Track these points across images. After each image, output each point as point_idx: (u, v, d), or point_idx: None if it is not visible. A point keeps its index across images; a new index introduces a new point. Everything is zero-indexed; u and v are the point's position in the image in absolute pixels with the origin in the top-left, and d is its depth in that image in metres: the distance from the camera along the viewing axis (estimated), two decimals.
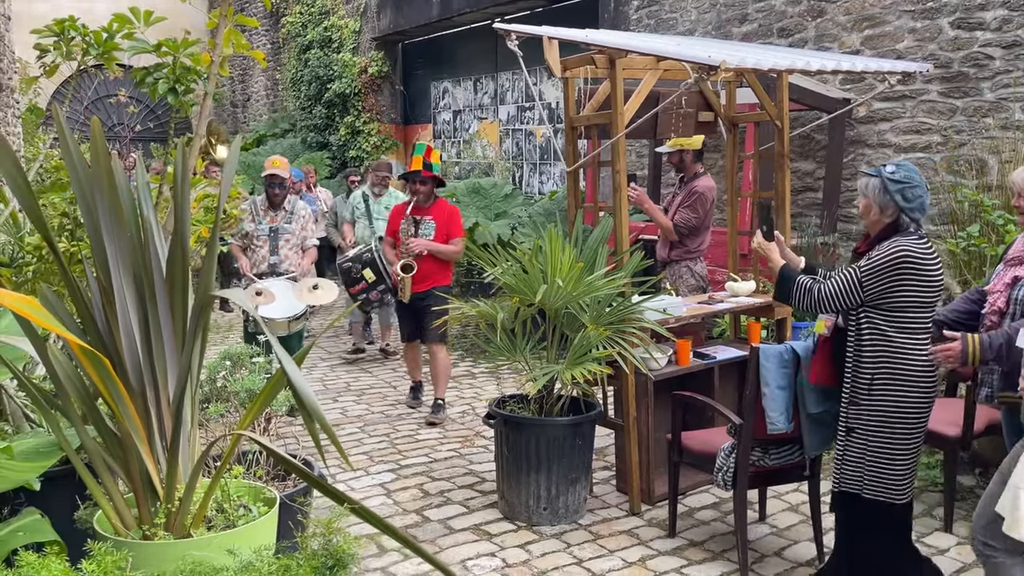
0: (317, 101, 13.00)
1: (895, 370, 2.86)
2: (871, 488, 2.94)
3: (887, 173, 2.90)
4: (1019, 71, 5.42)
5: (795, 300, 3.05)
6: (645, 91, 4.12)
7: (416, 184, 5.36)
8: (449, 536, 3.81)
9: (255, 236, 5.60)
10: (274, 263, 5.57)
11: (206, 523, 2.32)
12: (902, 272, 2.82)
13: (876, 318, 2.88)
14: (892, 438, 2.89)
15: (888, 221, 2.91)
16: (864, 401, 2.90)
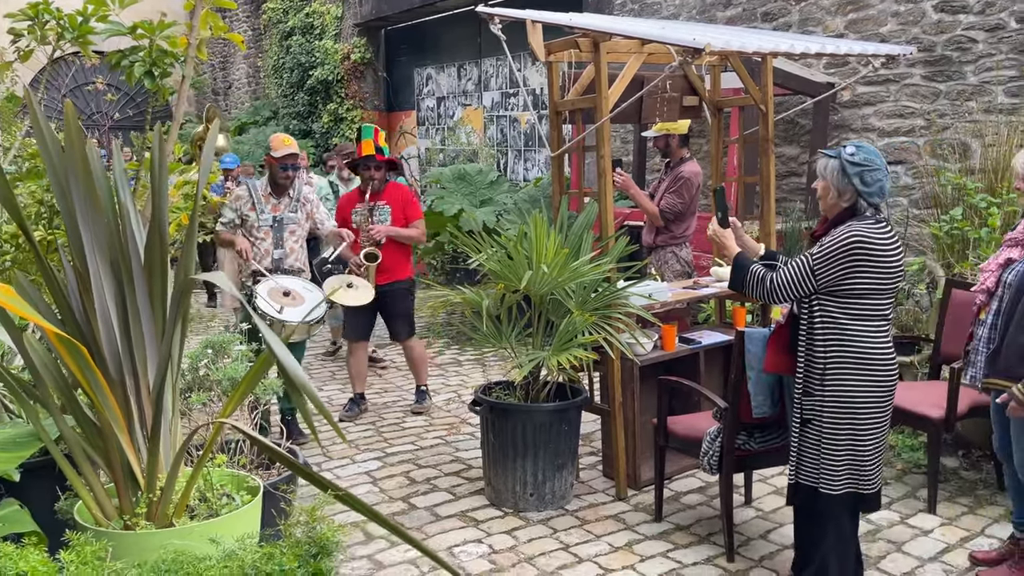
0: (299, 88, 12.88)
1: (849, 359, 2.77)
2: (828, 481, 2.86)
3: (847, 155, 2.79)
4: (1002, 54, 5.43)
5: (749, 289, 2.96)
6: (629, 75, 4.10)
7: (371, 170, 5.07)
8: (436, 523, 3.81)
9: (255, 227, 4.69)
10: (279, 258, 4.71)
11: (188, 512, 2.29)
12: (855, 258, 2.72)
13: (829, 305, 2.79)
14: (849, 430, 2.81)
15: (845, 205, 2.81)
16: (817, 391, 2.82)
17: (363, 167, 5.12)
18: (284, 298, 4.32)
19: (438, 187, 8.06)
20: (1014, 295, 3.01)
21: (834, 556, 2.93)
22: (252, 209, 4.71)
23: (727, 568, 3.36)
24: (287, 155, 4.69)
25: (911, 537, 3.57)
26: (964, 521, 3.72)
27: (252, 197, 4.73)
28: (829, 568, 2.93)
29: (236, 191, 4.73)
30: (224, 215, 4.73)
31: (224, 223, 4.72)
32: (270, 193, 4.77)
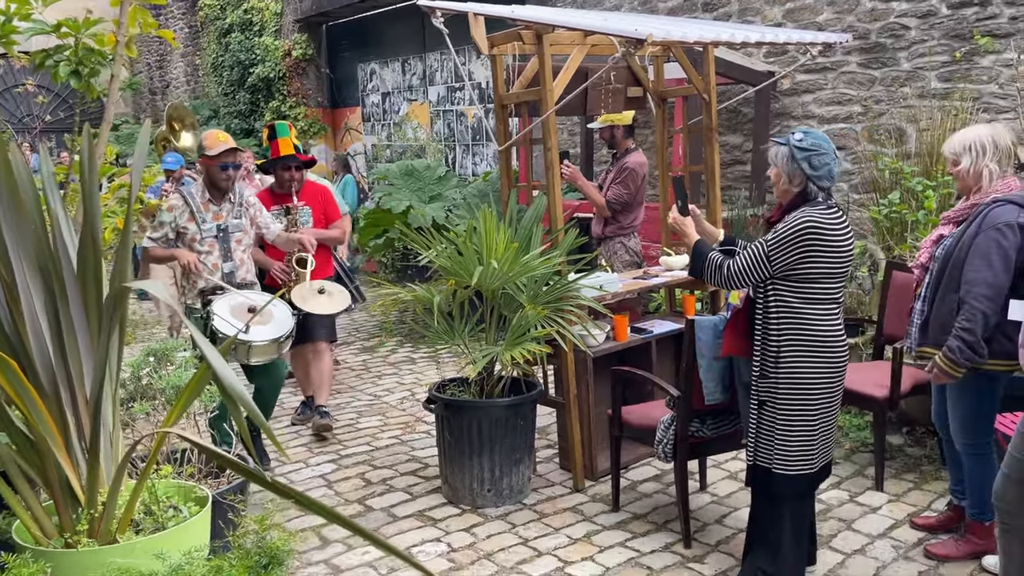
0: (240, 86, 12.61)
1: (802, 342, 2.82)
2: (781, 461, 2.90)
3: (795, 141, 2.84)
4: (933, 40, 5.58)
5: (707, 276, 3.00)
6: (573, 67, 4.09)
7: (291, 170, 4.67)
8: (393, 524, 3.76)
9: (196, 240, 4.09)
10: (229, 271, 4.15)
11: (133, 527, 2.22)
12: (808, 243, 2.77)
13: (783, 290, 2.84)
14: (802, 410, 2.86)
15: (796, 190, 2.86)
16: (772, 374, 2.86)
17: (281, 167, 4.70)
18: (249, 315, 3.80)
19: (386, 184, 7.97)
20: (940, 267, 3.13)
21: (789, 535, 2.97)
22: (191, 220, 4.10)
23: (684, 554, 3.39)
24: (224, 152, 4.13)
25: (860, 515, 3.65)
26: (911, 497, 3.82)
27: (190, 206, 4.12)
28: (783, 546, 2.97)
29: (169, 201, 4.15)
30: (154, 230, 4.13)
31: (154, 239, 4.10)
32: (209, 200, 4.16)
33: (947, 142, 3.26)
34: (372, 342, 7.22)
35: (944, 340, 3.05)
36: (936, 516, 3.53)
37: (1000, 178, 3.13)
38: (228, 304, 3.90)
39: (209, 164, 4.14)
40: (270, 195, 4.79)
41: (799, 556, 3.02)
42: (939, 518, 3.50)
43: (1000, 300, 2.97)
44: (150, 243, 4.11)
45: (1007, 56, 5.24)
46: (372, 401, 5.60)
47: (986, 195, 3.12)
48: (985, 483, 3.18)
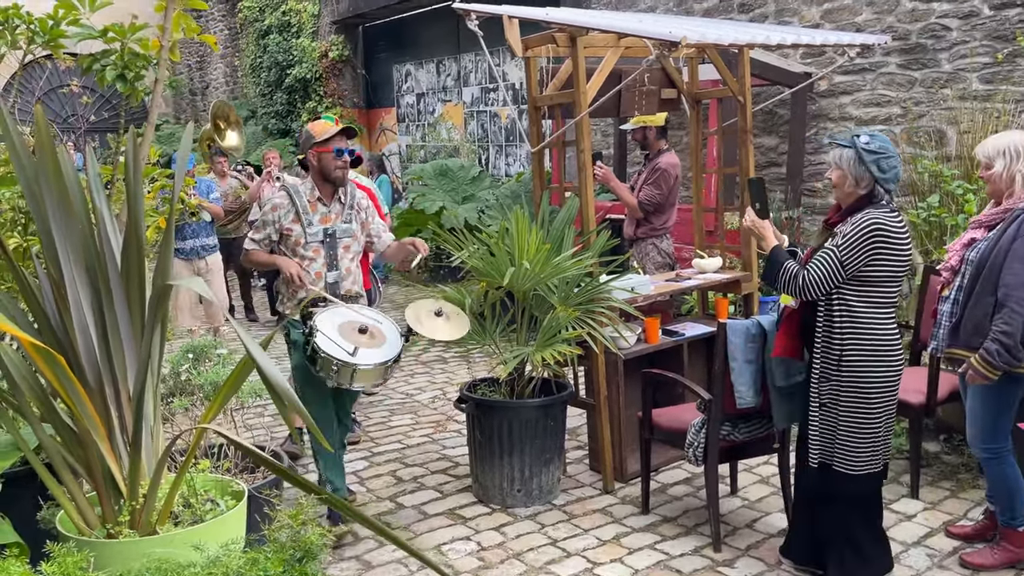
0: (278, 87, 12.79)
1: (865, 345, 2.87)
2: (842, 461, 2.96)
3: (862, 144, 2.88)
4: (975, 41, 5.48)
5: (781, 285, 2.99)
6: (607, 69, 4.10)
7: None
8: (424, 521, 3.80)
9: (300, 244, 3.59)
10: (334, 281, 3.63)
11: (172, 519, 2.28)
12: (875, 246, 2.81)
13: (847, 293, 2.88)
14: (865, 411, 2.91)
15: (863, 193, 2.90)
16: (835, 376, 2.91)
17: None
18: (361, 336, 3.32)
19: (420, 184, 8.03)
20: (975, 271, 3.11)
21: (866, 534, 3.04)
22: (296, 221, 3.59)
23: (714, 558, 3.38)
24: (336, 135, 3.55)
25: (895, 522, 3.60)
26: (947, 505, 3.77)
27: (295, 205, 3.59)
28: (863, 545, 3.03)
29: (274, 199, 3.63)
30: (255, 230, 3.67)
31: (256, 240, 3.63)
32: (318, 199, 3.62)
33: (980, 146, 3.24)
34: None
35: (976, 342, 3.04)
36: (972, 524, 3.48)
37: None
38: (332, 320, 3.36)
39: (321, 152, 3.57)
40: None
41: (880, 556, 3.07)
42: (975, 527, 3.45)
43: None
44: (252, 245, 3.67)
45: None
46: (404, 400, 5.66)
47: (1020, 200, 3.09)
48: (1010, 487, 3.15)
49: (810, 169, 6.45)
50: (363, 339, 3.33)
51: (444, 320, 3.57)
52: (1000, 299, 3.00)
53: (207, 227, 6.39)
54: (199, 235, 6.32)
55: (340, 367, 3.23)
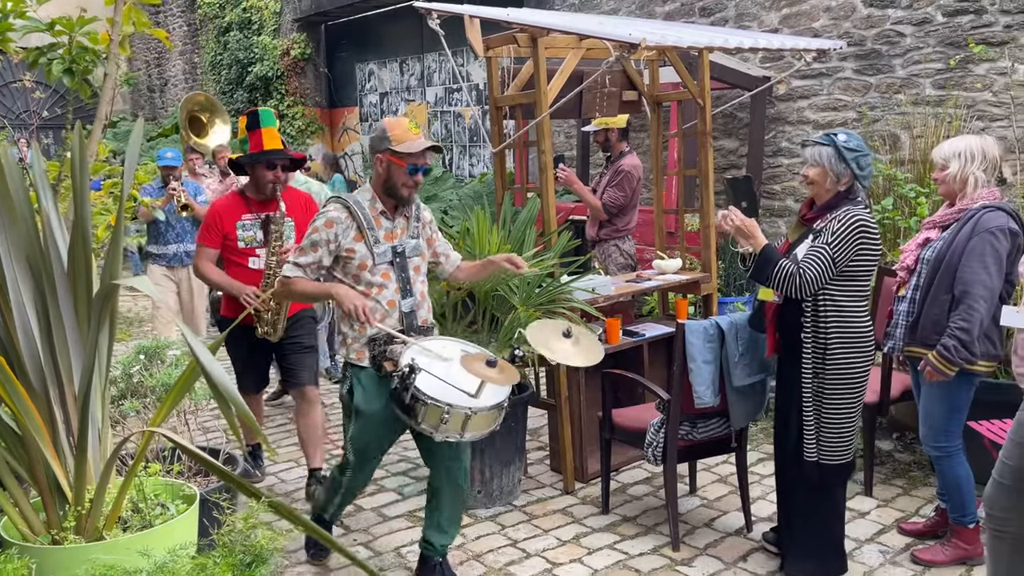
0: (239, 85, 12.62)
1: (848, 336, 2.94)
2: (829, 453, 3.02)
3: (841, 141, 2.95)
4: (929, 47, 5.60)
5: (774, 283, 2.98)
6: (568, 70, 4.11)
7: (277, 170, 3.76)
8: (383, 524, 3.77)
9: (366, 267, 2.97)
10: (409, 310, 3.03)
11: (121, 524, 2.22)
12: (860, 241, 2.90)
13: (832, 288, 2.94)
14: (849, 401, 2.99)
15: (842, 189, 2.98)
16: (821, 369, 2.97)
17: (265, 165, 3.74)
18: (489, 370, 2.75)
19: None
20: (931, 270, 3.19)
21: (835, 520, 3.12)
22: (359, 239, 2.95)
23: (673, 557, 3.40)
24: (425, 151, 2.97)
25: (849, 519, 3.65)
26: (899, 502, 3.84)
27: (357, 220, 2.95)
28: (833, 529, 3.11)
29: (328, 212, 2.96)
30: (300, 252, 2.98)
31: (301, 265, 2.95)
32: (382, 212, 3.02)
33: (937, 148, 3.32)
34: None
35: (934, 340, 3.11)
36: (924, 521, 3.55)
37: (984, 187, 3.17)
38: (425, 357, 2.84)
39: (393, 163, 2.96)
40: (242, 201, 3.83)
41: (840, 555, 3.15)
42: (927, 523, 3.52)
43: (994, 302, 3.02)
44: (295, 271, 2.96)
45: (1001, 64, 5.26)
46: None
47: (973, 201, 3.16)
48: (961, 485, 3.22)
49: (769, 172, 6.54)
50: (491, 373, 2.68)
51: (573, 342, 3.00)
52: (957, 296, 3.07)
53: (192, 232, 5.59)
54: (183, 239, 5.64)
55: (451, 414, 2.66)
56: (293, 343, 3.95)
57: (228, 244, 3.82)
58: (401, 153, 2.93)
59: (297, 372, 3.97)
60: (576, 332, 3.04)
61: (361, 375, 2.97)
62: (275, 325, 3.83)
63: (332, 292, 2.93)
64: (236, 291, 3.69)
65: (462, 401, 2.69)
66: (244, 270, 3.83)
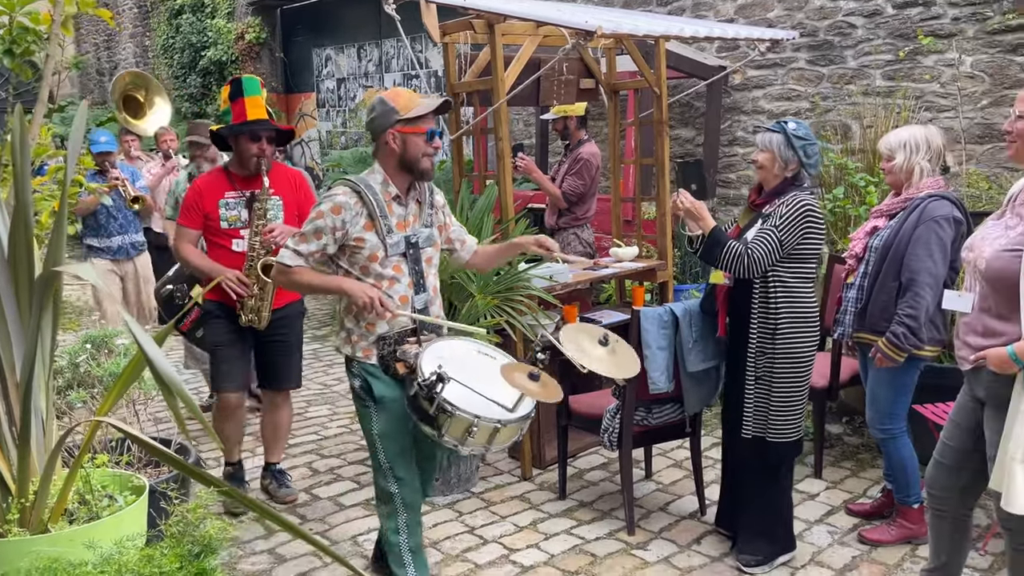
0: (191, 69, 12.35)
1: (796, 317, 3.02)
2: (778, 431, 3.10)
3: (791, 129, 3.04)
4: (879, 39, 5.70)
5: (723, 264, 3.04)
6: (525, 57, 4.10)
7: (262, 142, 3.48)
8: (340, 512, 3.75)
9: (377, 259, 2.70)
10: (422, 307, 2.77)
11: (67, 517, 2.17)
12: (807, 225, 2.98)
13: (781, 270, 3.02)
14: (797, 379, 3.07)
15: (789, 175, 3.07)
16: (770, 349, 3.05)
17: (248, 137, 3.45)
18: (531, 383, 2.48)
19: (339, 171, 7.89)
20: (879, 258, 3.26)
21: (784, 498, 3.23)
22: (370, 227, 2.67)
23: (628, 541, 3.45)
24: (433, 112, 2.70)
25: (800, 501, 3.74)
26: (848, 484, 3.93)
27: (368, 206, 2.66)
28: (781, 508, 3.21)
29: (335, 196, 2.66)
30: (302, 240, 2.68)
31: (304, 254, 2.67)
32: (395, 196, 2.73)
33: (883, 139, 3.39)
34: (323, 331, 7.16)
35: (882, 326, 3.18)
36: (871, 502, 3.65)
37: (929, 176, 3.25)
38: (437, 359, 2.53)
39: (408, 134, 2.65)
40: (225, 177, 3.57)
41: (788, 535, 3.24)
42: (873, 504, 3.61)
43: (939, 288, 3.10)
44: (295, 260, 2.68)
45: (949, 56, 5.38)
46: (322, 390, 5.56)
47: (918, 191, 3.24)
48: (906, 466, 3.32)
49: (724, 161, 6.61)
50: (533, 387, 2.45)
51: (609, 351, 2.76)
52: (904, 284, 3.15)
53: (135, 222, 5.45)
54: (127, 231, 5.38)
55: (479, 427, 2.42)
56: (276, 341, 3.68)
57: (210, 224, 3.53)
58: (415, 119, 2.66)
59: (278, 373, 3.76)
60: (612, 341, 2.79)
61: (371, 368, 2.73)
62: (259, 312, 3.54)
63: (343, 287, 2.66)
64: (218, 275, 3.42)
65: (491, 412, 2.46)
66: (227, 252, 3.53)
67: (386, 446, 2.76)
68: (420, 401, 2.47)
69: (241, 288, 3.44)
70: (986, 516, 3.43)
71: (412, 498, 2.81)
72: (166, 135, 6.47)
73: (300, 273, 2.70)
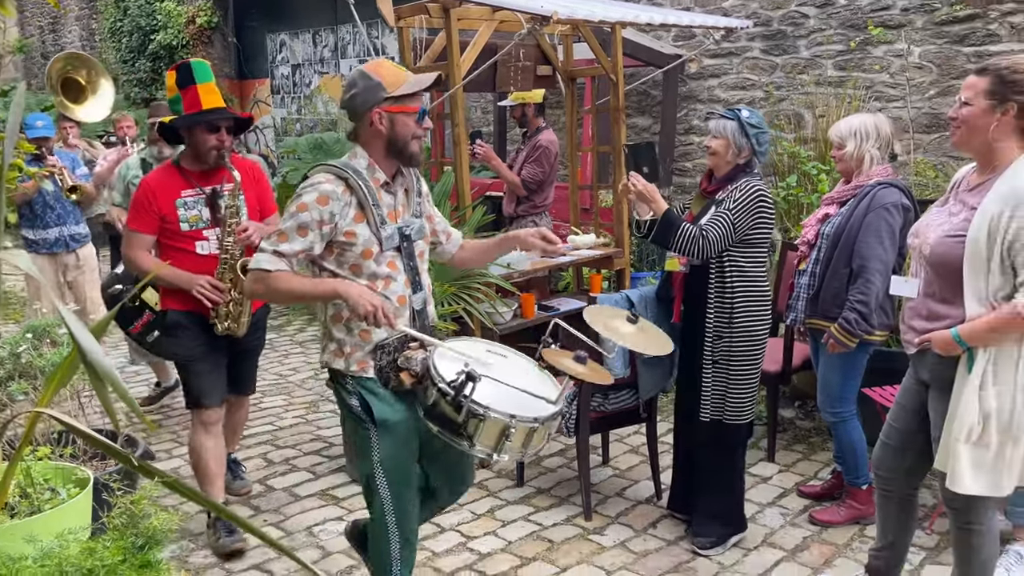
0: (140, 53, 12.03)
1: (752, 300, 3.07)
2: (734, 412, 3.15)
3: (745, 117, 3.08)
4: (831, 29, 5.79)
5: (677, 246, 3.02)
6: (481, 42, 4.07)
7: (220, 132, 3.15)
8: (295, 503, 3.70)
9: (371, 255, 2.38)
10: (420, 307, 2.48)
11: (8, 511, 2.11)
12: (760, 211, 3.03)
13: (736, 255, 3.06)
14: (753, 361, 3.12)
15: (741, 162, 3.11)
16: (727, 333, 3.09)
17: (206, 127, 3.13)
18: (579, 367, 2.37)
19: (294, 158, 7.77)
20: (830, 245, 3.31)
21: (738, 480, 3.30)
22: (361, 219, 2.36)
23: (585, 527, 3.46)
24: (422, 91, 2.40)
25: (753, 484, 3.80)
26: (799, 467, 4.01)
27: (358, 193, 2.35)
28: (735, 490, 3.28)
29: (320, 185, 2.33)
30: (283, 238, 2.34)
31: (287, 255, 2.34)
32: (384, 184, 2.42)
33: (833, 127, 3.44)
34: (279, 320, 7.06)
35: (834, 312, 3.24)
36: (822, 484, 3.72)
37: (879, 164, 3.31)
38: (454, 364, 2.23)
39: (396, 113, 2.36)
40: (178, 174, 3.20)
41: (741, 517, 3.31)
42: (824, 486, 3.69)
43: (889, 274, 3.15)
44: (277, 263, 2.33)
45: (898, 47, 5.48)
46: (277, 380, 5.49)
47: (868, 178, 3.29)
48: (856, 449, 3.39)
49: (681, 149, 6.66)
50: (582, 370, 2.30)
51: (639, 329, 2.63)
52: (856, 270, 3.20)
53: (75, 212, 5.09)
54: (66, 222, 5.03)
55: (516, 428, 2.14)
56: (247, 349, 3.42)
57: (168, 228, 3.15)
58: (405, 97, 2.34)
59: (244, 379, 3.52)
60: (641, 320, 2.69)
61: (369, 383, 2.40)
62: (238, 318, 3.18)
63: (339, 291, 2.29)
64: (186, 283, 3.10)
65: (525, 410, 2.18)
66: (191, 257, 3.16)
67: (390, 476, 2.43)
68: (443, 408, 2.16)
69: (216, 294, 3.11)
70: (932, 496, 3.52)
71: (412, 531, 2.54)
72: (123, 121, 6.18)
73: (282, 279, 2.33)
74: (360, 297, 2.27)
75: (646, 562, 3.19)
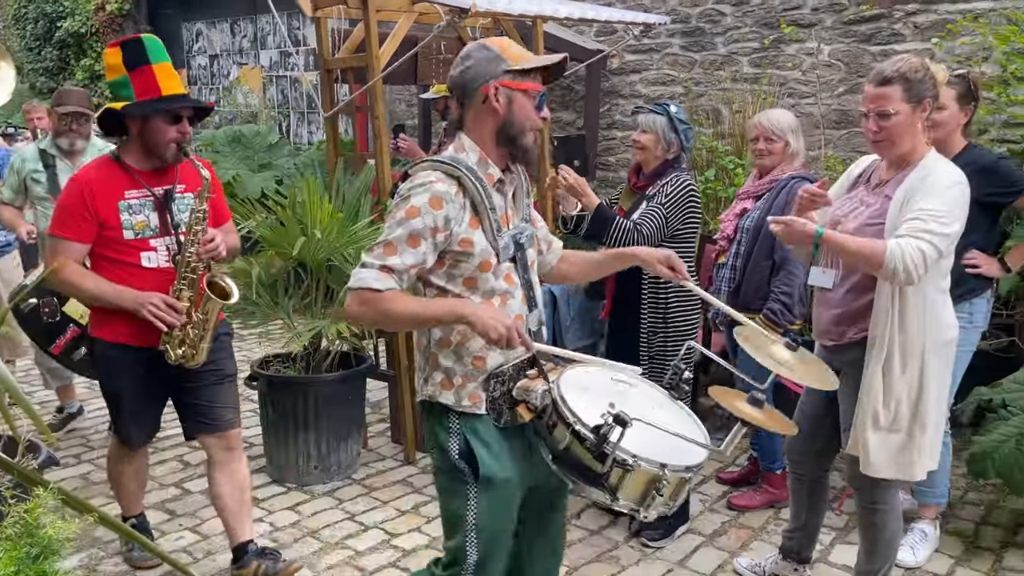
0: (46, 41, 11.49)
1: (684, 297, 3.11)
2: None
3: (673, 112, 3.11)
4: (746, 27, 5.94)
5: (611, 240, 2.99)
6: (401, 34, 4.02)
7: (182, 124, 2.69)
8: (211, 507, 3.59)
9: (489, 267, 1.99)
10: (536, 328, 2.10)
11: None
12: (691, 205, 3.07)
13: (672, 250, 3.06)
14: None
15: (670, 158, 3.14)
16: (662, 329, 3.13)
17: (165, 117, 2.64)
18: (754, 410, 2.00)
19: (211, 151, 7.54)
20: (751, 239, 3.38)
21: None
22: (476, 224, 1.98)
23: None
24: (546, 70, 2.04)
25: None
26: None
27: (473, 194, 1.97)
28: None
29: (432, 186, 1.93)
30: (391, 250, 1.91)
31: (397, 270, 1.91)
32: (498, 181, 2.03)
33: (765, 121, 3.37)
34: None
35: (757, 304, 3.31)
36: (739, 470, 3.82)
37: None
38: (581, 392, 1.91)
39: (516, 91, 1.97)
40: (121, 171, 2.70)
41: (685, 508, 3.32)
42: (741, 472, 3.79)
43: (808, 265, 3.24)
44: (385, 281, 1.90)
45: (809, 45, 5.66)
46: None
47: (781, 172, 3.37)
48: (770, 435, 3.50)
49: (604, 144, 6.74)
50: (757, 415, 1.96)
51: (798, 359, 2.20)
52: (778, 263, 3.28)
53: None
54: None
55: (670, 479, 1.79)
56: (208, 371, 2.82)
57: (108, 235, 2.66)
58: (528, 73, 1.96)
59: (215, 412, 2.87)
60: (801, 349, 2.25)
61: (479, 426, 1.98)
62: (197, 344, 2.70)
63: (465, 313, 1.89)
64: (130, 302, 2.59)
65: (678, 457, 1.82)
66: (136, 271, 2.68)
67: (484, 541, 2.03)
68: (578, 455, 1.79)
69: (172, 316, 2.62)
70: (841, 479, 3.66)
71: None
72: (35, 112, 5.75)
73: (396, 300, 1.90)
74: (492, 319, 1.86)
75: (569, 552, 3.22)
